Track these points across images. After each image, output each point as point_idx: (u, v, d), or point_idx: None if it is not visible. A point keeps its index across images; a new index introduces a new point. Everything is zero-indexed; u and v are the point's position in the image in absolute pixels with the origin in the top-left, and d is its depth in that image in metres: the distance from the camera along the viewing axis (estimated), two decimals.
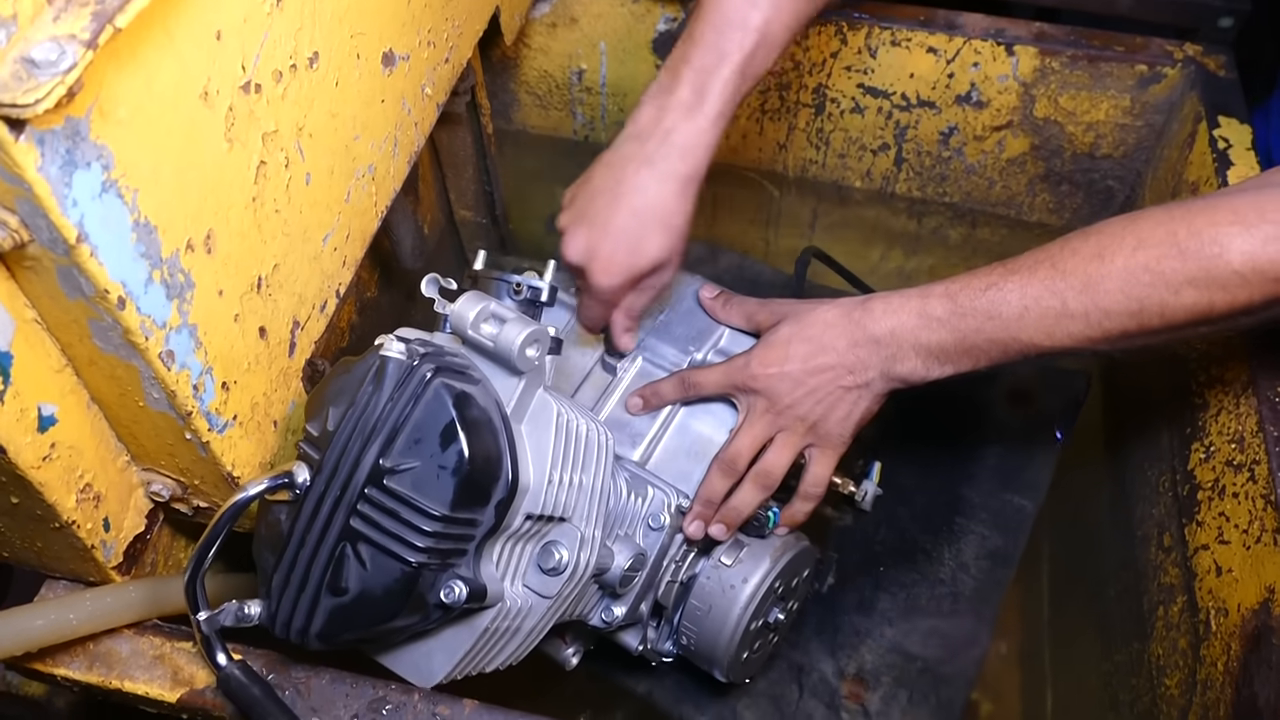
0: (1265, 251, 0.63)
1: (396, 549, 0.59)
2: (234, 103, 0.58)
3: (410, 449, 0.59)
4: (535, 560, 0.68)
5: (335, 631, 0.60)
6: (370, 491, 0.59)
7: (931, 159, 1.22)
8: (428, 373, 0.60)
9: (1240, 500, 0.80)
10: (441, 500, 0.58)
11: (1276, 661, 0.70)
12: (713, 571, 0.83)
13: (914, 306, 0.74)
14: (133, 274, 0.51)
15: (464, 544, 0.61)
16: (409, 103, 0.82)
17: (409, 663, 0.65)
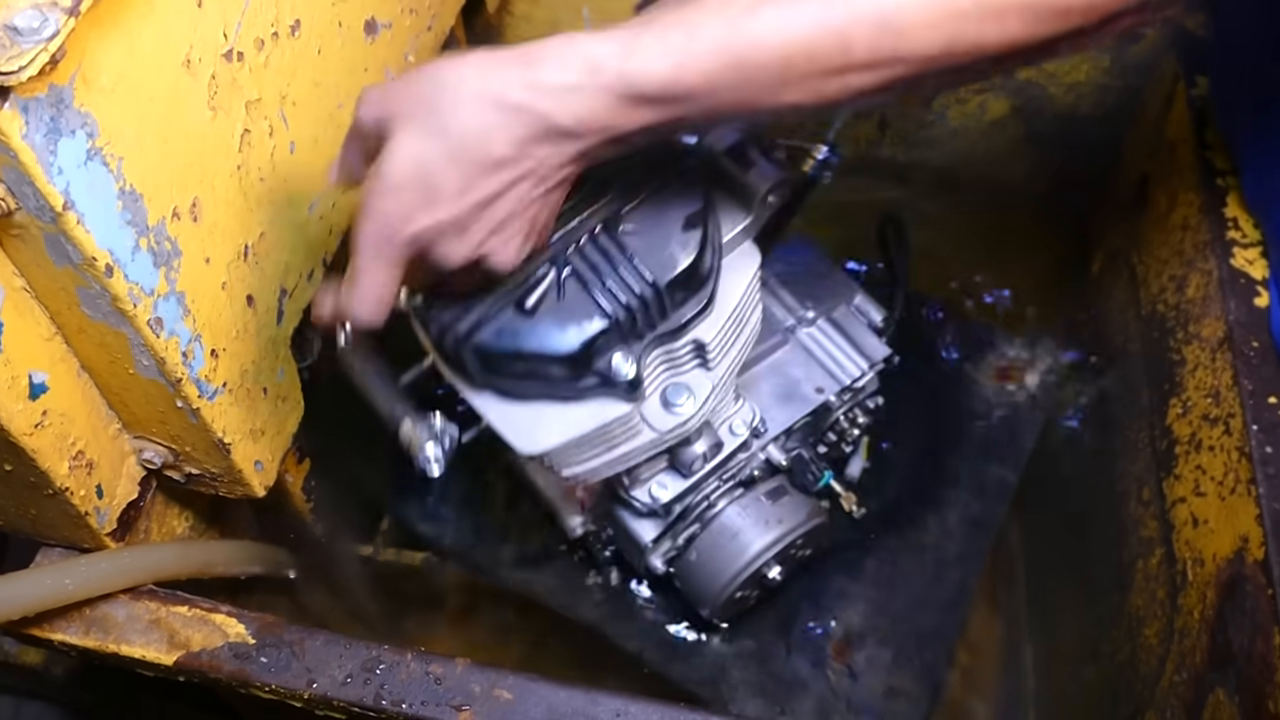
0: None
1: (598, 295, 0.60)
2: (216, 71, 0.58)
3: (651, 216, 0.61)
4: (663, 392, 0.68)
5: (495, 346, 0.59)
6: (600, 235, 0.60)
7: (914, 122, 1.23)
8: (695, 164, 0.61)
9: (1216, 453, 0.81)
10: (660, 272, 0.60)
11: (1250, 608, 0.72)
12: (751, 503, 0.84)
13: (610, 75, 0.51)
14: (119, 241, 0.52)
15: (648, 328, 0.62)
16: (392, 71, 0.82)
17: (518, 424, 0.64)
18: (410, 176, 0.53)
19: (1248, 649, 0.72)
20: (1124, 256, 1.07)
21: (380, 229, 0.54)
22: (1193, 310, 0.90)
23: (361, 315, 0.57)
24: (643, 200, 0.62)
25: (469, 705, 0.63)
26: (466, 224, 0.55)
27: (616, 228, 0.61)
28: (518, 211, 0.56)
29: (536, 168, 0.54)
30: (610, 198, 0.61)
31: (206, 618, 0.67)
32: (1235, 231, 0.88)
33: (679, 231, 0.61)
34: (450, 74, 0.52)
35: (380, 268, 0.56)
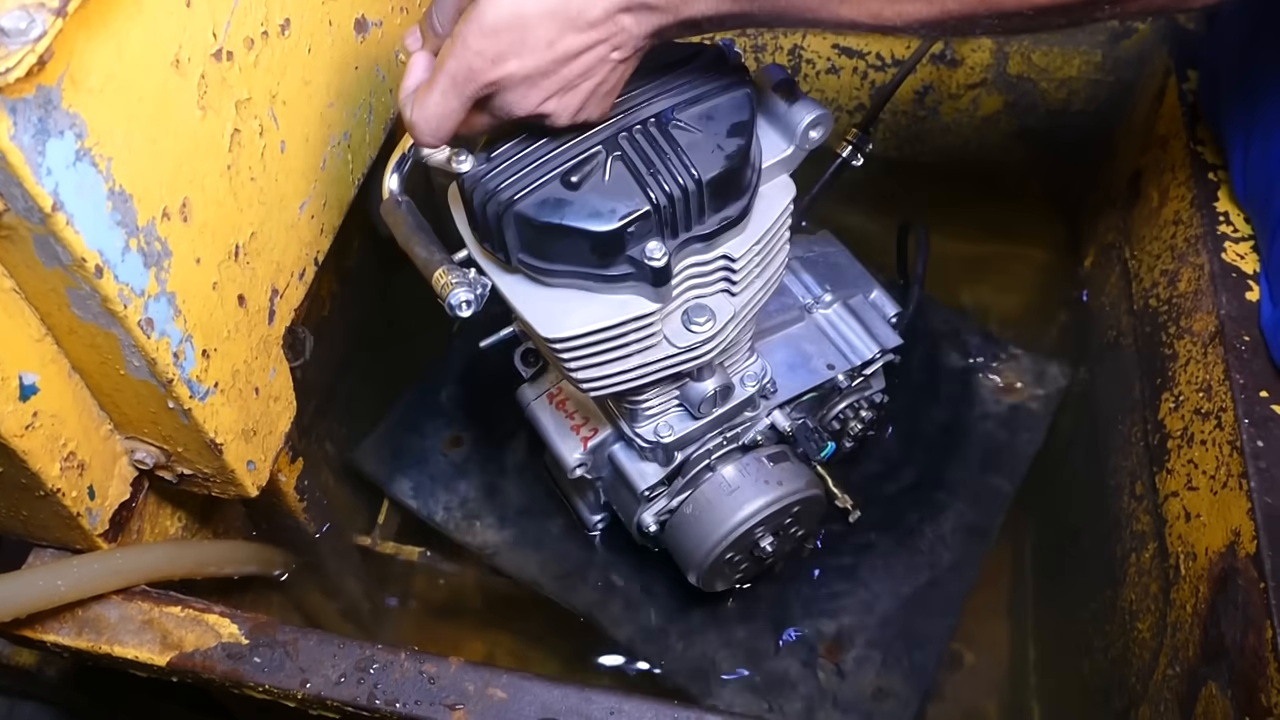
0: None
1: (645, 179, 0.62)
2: (206, 70, 0.58)
3: (702, 118, 0.64)
4: (685, 310, 0.69)
5: (537, 215, 0.61)
6: (650, 126, 0.63)
7: (907, 118, 1.23)
8: (746, 78, 0.66)
9: (1208, 447, 0.81)
10: (704, 169, 0.62)
11: (1242, 602, 0.72)
12: (752, 462, 0.85)
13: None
14: (109, 242, 0.52)
15: (684, 226, 0.64)
16: (383, 69, 0.82)
17: (545, 310, 0.65)
18: (507, 23, 0.56)
19: (1240, 642, 0.72)
20: (1116, 251, 1.07)
21: (467, 64, 0.57)
22: (1184, 304, 0.90)
23: (422, 131, 0.60)
24: (694, 101, 0.65)
25: (463, 704, 0.63)
26: (542, 76, 0.58)
27: (668, 122, 0.64)
28: (589, 73, 0.59)
29: (618, 34, 0.57)
30: (665, 94, 0.65)
31: (199, 618, 0.67)
32: (1226, 226, 0.89)
33: (725, 136, 0.64)
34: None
35: (454, 98, 0.59)
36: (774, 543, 0.87)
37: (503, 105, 0.60)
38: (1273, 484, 0.74)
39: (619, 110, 0.64)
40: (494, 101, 0.60)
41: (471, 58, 0.57)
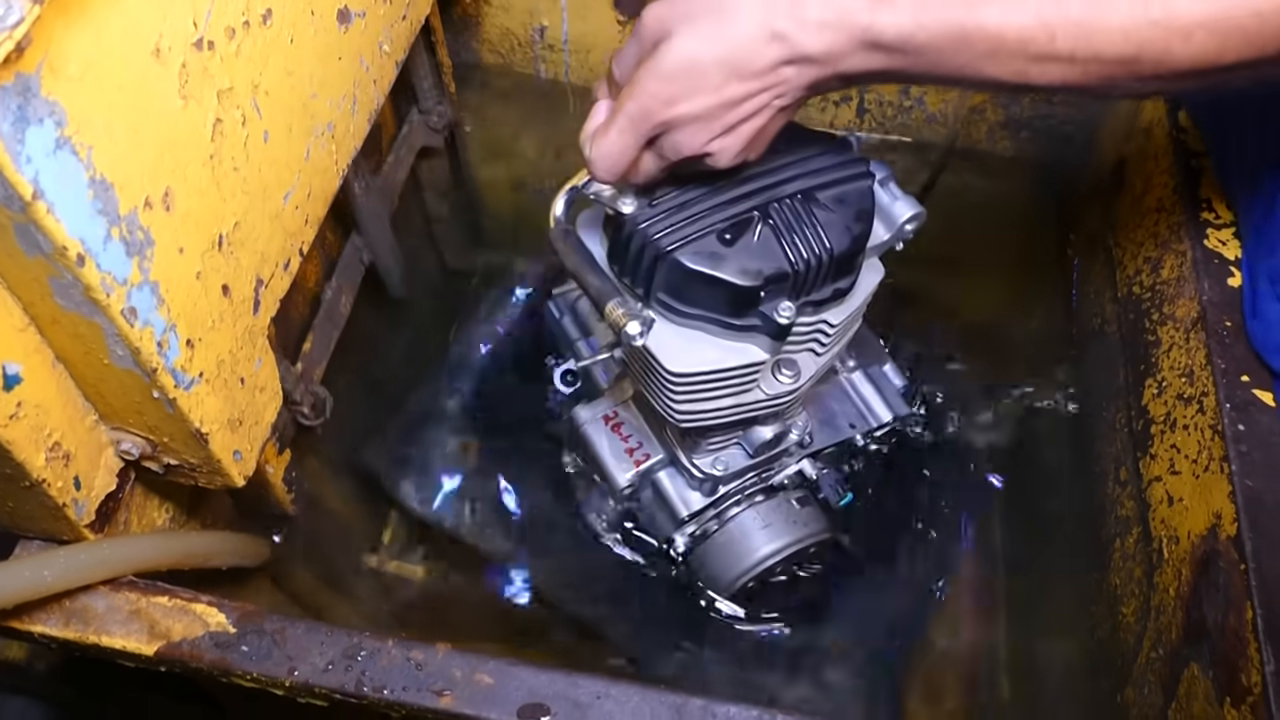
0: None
1: (787, 246, 0.70)
2: (187, 59, 0.58)
3: (836, 200, 0.73)
4: (778, 361, 0.78)
5: (690, 264, 0.69)
6: (797, 199, 0.72)
7: (893, 109, 1.23)
8: (870, 170, 0.75)
9: (1190, 431, 0.82)
10: (835, 243, 0.71)
11: (1224, 584, 0.73)
12: (783, 503, 0.94)
13: (862, 19, 0.60)
14: (91, 231, 0.52)
15: (809, 290, 0.73)
16: (367, 60, 0.82)
17: (672, 346, 0.73)
18: (682, 69, 0.61)
19: (1221, 623, 0.72)
20: (1101, 240, 1.08)
21: (644, 105, 0.63)
22: (1167, 291, 0.91)
23: (599, 167, 0.67)
24: (831, 185, 0.73)
25: (450, 690, 0.63)
26: (710, 118, 0.63)
27: (813, 199, 0.72)
28: (752, 118, 0.64)
29: (780, 84, 0.62)
30: (808, 174, 0.73)
31: (187, 608, 0.67)
32: (1209, 213, 0.89)
33: (853, 219, 0.72)
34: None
35: (630, 136, 0.65)
36: (783, 574, 0.95)
37: (672, 144, 0.65)
38: (1253, 467, 0.75)
39: (770, 179, 0.72)
40: (664, 141, 0.65)
41: (647, 100, 0.62)
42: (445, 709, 0.63)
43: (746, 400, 0.78)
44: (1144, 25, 0.57)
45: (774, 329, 0.71)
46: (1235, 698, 0.68)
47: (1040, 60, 0.59)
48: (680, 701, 0.63)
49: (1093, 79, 0.59)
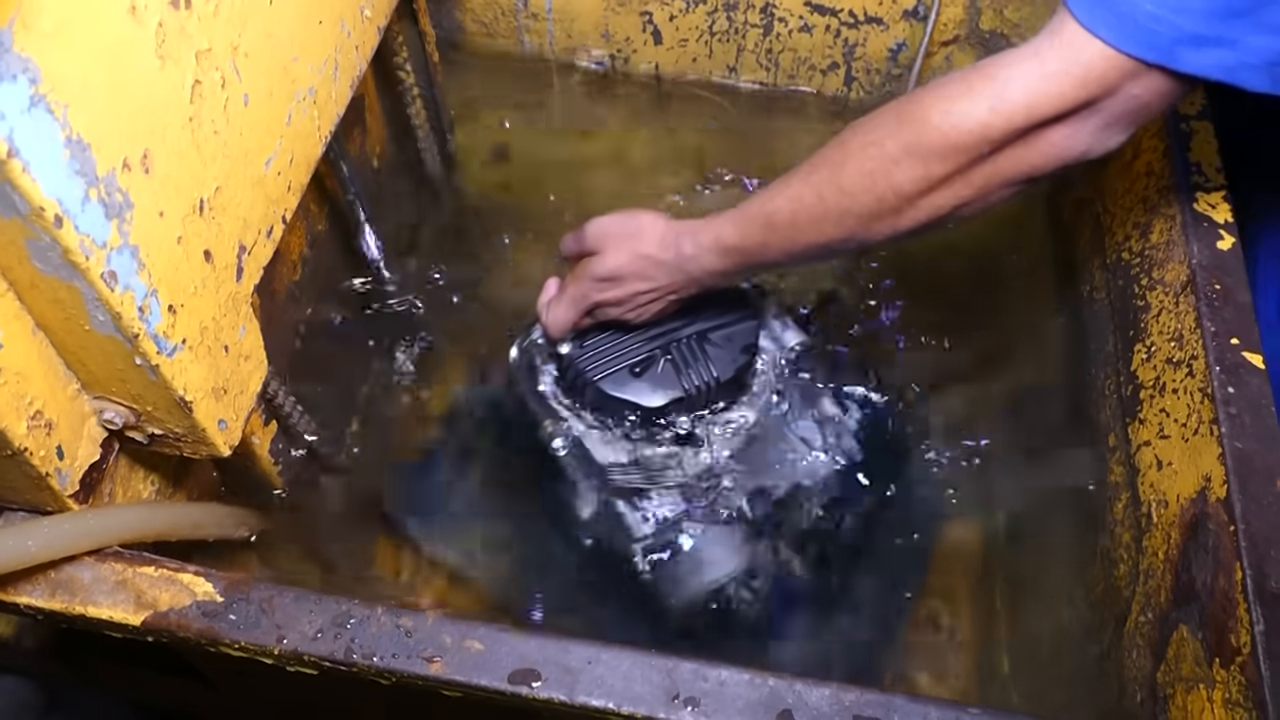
0: (964, 112, 0.67)
1: (683, 376, 0.96)
2: (164, 18, 0.57)
3: (725, 339, 0.98)
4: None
5: (609, 390, 0.95)
6: (693, 339, 0.97)
7: (881, 76, 1.22)
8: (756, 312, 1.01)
9: (1180, 395, 0.82)
10: (721, 372, 0.96)
11: (1213, 546, 0.73)
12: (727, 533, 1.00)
13: (710, 237, 0.84)
14: (68, 191, 0.51)
15: (703, 404, 0.97)
16: (348, 24, 0.80)
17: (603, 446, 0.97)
18: (609, 273, 0.89)
19: (1210, 585, 0.73)
20: (1089, 206, 1.08)
21: (584, 292, 0.91)
22: (1156, 255, 0.90)
23: (552, 331, 0.95)
24: (722, 326, 0.98)
25: (440, 656, 0.63)
26: (626, 302, 0.91)
27: (705, 339, 0.97)
28: (653, 304, 0.92)
29: (670, 286, 0.89)
30: (704, 317, 0.98)
31: (174, 577, 0.66)
32: (1198, 176, 0.89)
33: (739, 353, 0.98)
34: (647, 227, 0.87)
35: (573, 311, 0.93)
36: (737, 594, 0.99)
37: (602, 314, 0.93)
38: (1243, 429, 0.75)
39: (674, 323, 0.96)
40: (596, 312, 0.93)
41: (586, 289, 0.91)
42: (435, 675, 0.62)
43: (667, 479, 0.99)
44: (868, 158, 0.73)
45: (677, 436, 0.97)
46: (1224, 658, 0.69)
47: (825, 222, 0.77)
48: (671, 665, 0.63)
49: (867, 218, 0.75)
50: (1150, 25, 0.61)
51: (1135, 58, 0.63)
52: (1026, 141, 0.68)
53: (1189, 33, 0.61)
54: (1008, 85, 0.66)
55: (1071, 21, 0.64)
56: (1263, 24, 0.60)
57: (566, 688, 0.62)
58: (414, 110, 1.12)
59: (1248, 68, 0.62)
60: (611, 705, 0.61)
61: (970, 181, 0.70)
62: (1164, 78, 0.64)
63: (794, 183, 0.78)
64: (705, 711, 0.61)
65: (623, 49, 1.27)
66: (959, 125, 0.68)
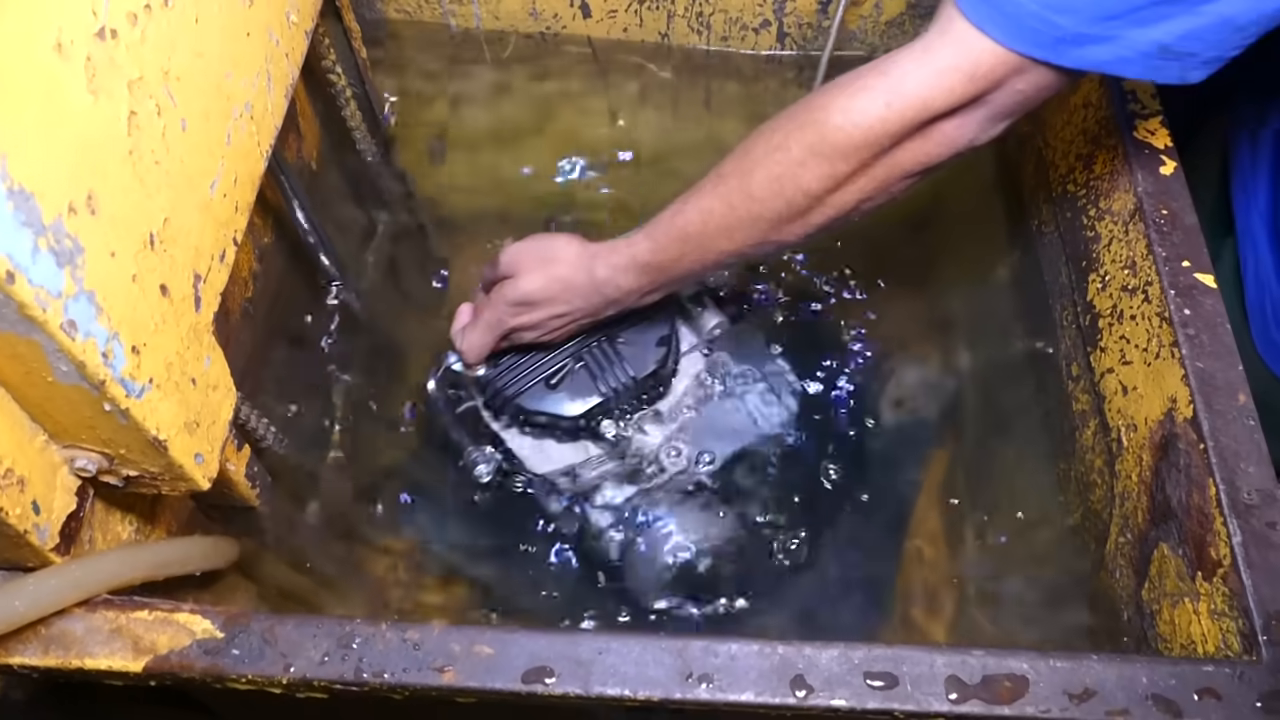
0: (862, 109, 0.70)
1: (600, 381, 0.97)
2: (91, 52, 0.55)
3: (637, 334, 0.99)
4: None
5: (527, 405, 0.97)
6: (603, 341, 0.98)
7: (813, 30, 1.22)
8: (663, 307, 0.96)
9: (1138, 321, 0.84)
10: (638, 371, 0.98)
11: (1185, 464, 0.76)
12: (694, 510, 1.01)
13: (625, 256, 0.85)
14: (16, 244, 0.49)
15: (624, 403, 0.99)
16: (276, 33, 0.78)
17: (531, 453, 0.99)
18: (523, 297, 0.90)
19: (1185, 503, 0.75)
20: (1030, 141, 1.09)
21: (498, 317, 0.92)
22: (1102, 186, 0.92)
23: (468, 356, 0.97)
24: (635, 324, 0.98)
25: (451, 665, 0.63)
26: (539, 328, 0.93)
27: (616, 339, 0.98)
28: (566, 325, 0.93)
29: (587, 308, 0.90)
30: (617, 320, 0.95)
31: (169, 618, 0.65)
32: (1135, 104, 0.90)
33: (653, 347, 0.99)
34: (562, 249, 0.88)
35: (488, 336, 0.94)
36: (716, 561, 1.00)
37: (516, 338, 0.95)
38: (1202, 349, 0.77)
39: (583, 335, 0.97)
40: (510, 336, 0.94)
41: (502, 314, 0.92)
42: (448, 685, 0.62)
43: (603, 470, 1.01)
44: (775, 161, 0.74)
45: (604, 439, 1.00)
46: (1206, 571, 0.71)
47: (736, 229, 0.78)
48: (681, 645, 0.64)
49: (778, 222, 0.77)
50: (1034, 24, 0.64)
51: (1021, 54, 0.66)
52: (923, 134, 0.71)
53: (1071, 32, 0.64)
54: (902, 81, 0.69)
55: (960, 19, 0.66)
56: (1138, 21, 0.63)
57: (581, 680, 0.62)
58: (349, 111, 1.10)
59: (1125, 61, 0.65)
60: (627, 692, 0.62)
61: (873, 176, 0.73)
62: (1048, 72, 0.66)
63: (704, 193, 0.79)
64: (720, 686, 0.62)
65: (552, 25, 1.25)
66: (859, 123, 0.70)
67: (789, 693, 0.62)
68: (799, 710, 0.62)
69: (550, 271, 0.88)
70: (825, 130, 0.71)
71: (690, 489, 1.01)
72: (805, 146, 0.72)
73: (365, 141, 1.15)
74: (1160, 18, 0.62)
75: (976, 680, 0.62)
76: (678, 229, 0.81)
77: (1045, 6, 0.63)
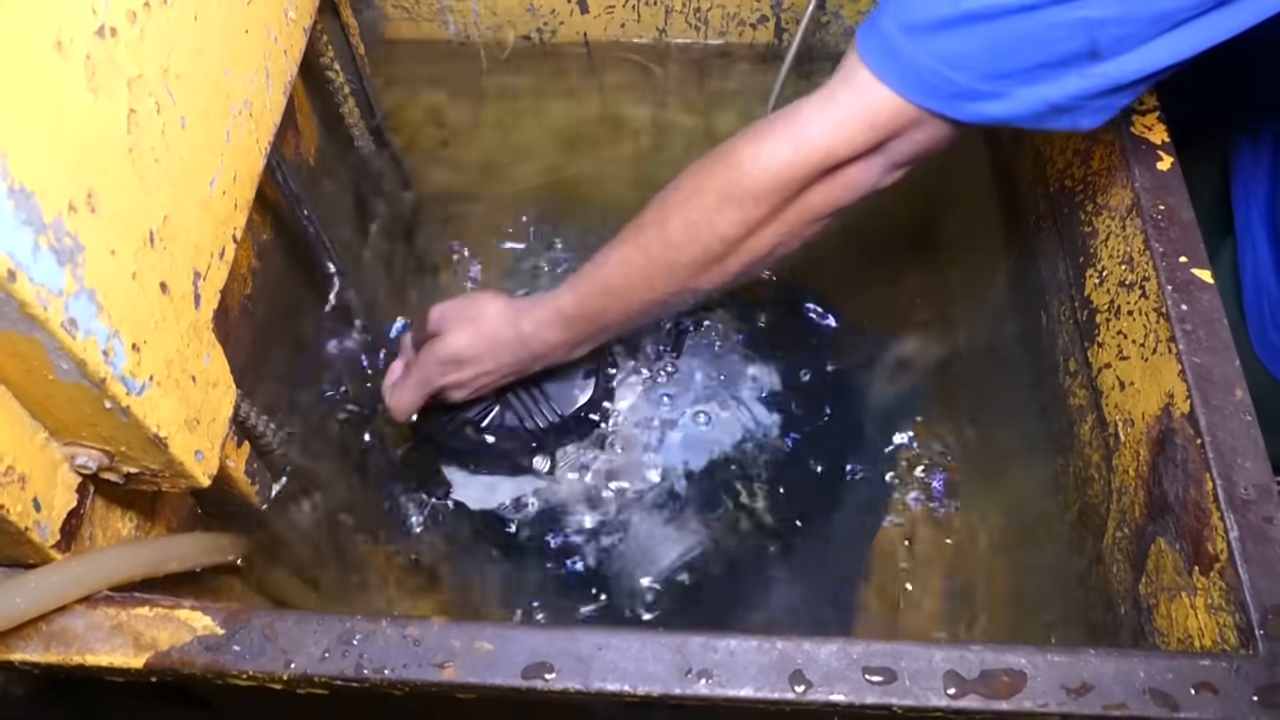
0: (771, 155, 0.72)
1: (525, 419, 0.99)
2: (91, 50, 0.55)
3: (559, 378, 0.99)
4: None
5: (461, 446, 1.00)
6: (530, 387, 0.98)
7: (812, 25, 1.22)
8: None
9: (1135, 317, 0.84)
10: (564, 407, 0.99)
11: (1182, 459, 0.76)
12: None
13: (549, 310, 0.87)
14: (17, 243, 0.49)
15: (566, 438, 1.01)
16: (274, 30, 0.78)
17: (470, 490, 1.01)
18: (452, 356, 0.90)
19: (1183, 497, 0.75)
20: (1029, 138, 1.09)
21: (427, 375, 0.92)
22: (1099, 181, 0.92)
23: (396, 412, 0.96)
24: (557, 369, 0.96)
25: (451, 661, 0.63)
26: (469, 384, 0.93)
27: (539, 381, 0.99)
28: (494, 381, 0.93)
29: (514, 364, 0.91)
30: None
31: (170, 615, 0.65)
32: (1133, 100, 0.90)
33: (581, 380, 1.00)
34: (488, 307, 0.89)
35: (417, 394, 0.94)
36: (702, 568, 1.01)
37: (445, 395, 0.94)
38: (1199, 344, 0.77)
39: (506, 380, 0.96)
40: (439, 393, 0.94)
41: (431, 372, 0.91)
42: (449, 680, 0.63)
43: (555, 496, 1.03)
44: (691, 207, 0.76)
45: (540, 474, 1.02)
46: (1203, 566, 0.72)
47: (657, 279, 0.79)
48: (680, 641, 0.64)
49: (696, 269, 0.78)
50: (931, 79, 0.67)
51: (919, 105, 0.68)
52: (829, 178, 0.73)
53: (964, 87, 0.66)
54: (808, 128, 0.71)
55: (864, 70, 0.69)
56: (1027, 80, 0.66)
57: (580, 676, 0.62)
58: (346, 109, 1.10)
59: (1017, 115, 0.68)
60: (627, 688, 0.62)
61: (785, 220, 0.75)
62: (944, 124, 0.69)
63: (623, 244, 0.81)
64: (719, 682, 0.62)
65: (549, 22, 1.25)
66: (768, 168, 0.72)
67: (788, 688, 0.62)
68: (798, 705, 0.62)
69: (477, 329, 0.89)
70: (737, 176, 0.73)
71: (662, 499, 1.02)
72: (719, 192, 0.74)
73: (363, 138, 1.15)
74: (1048, 78, 0.65)
75: (974, 675, 0.62)
76: (599, 281, 0.82)
77: (941, 62, 0.66)
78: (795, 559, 1.03)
